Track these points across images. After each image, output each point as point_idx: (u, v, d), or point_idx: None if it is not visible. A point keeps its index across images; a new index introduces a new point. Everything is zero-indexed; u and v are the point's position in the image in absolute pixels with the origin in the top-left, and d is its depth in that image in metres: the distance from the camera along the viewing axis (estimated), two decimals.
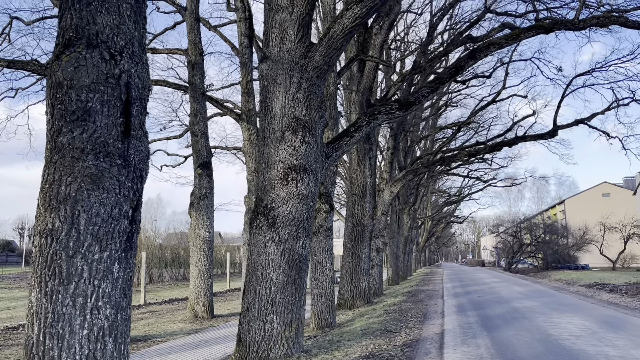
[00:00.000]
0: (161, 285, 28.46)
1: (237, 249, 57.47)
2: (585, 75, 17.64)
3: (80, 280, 3.10)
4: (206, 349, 8.66)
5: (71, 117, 3.18)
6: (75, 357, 3.04)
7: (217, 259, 39.88)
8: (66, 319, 3.06)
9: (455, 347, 7.39)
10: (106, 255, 3.19)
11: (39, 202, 3.21)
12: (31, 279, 3.20)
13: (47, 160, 3.22)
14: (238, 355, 6.56)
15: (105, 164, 3.20)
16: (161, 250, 31.16)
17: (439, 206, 55.88)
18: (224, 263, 38.93)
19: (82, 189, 3.14)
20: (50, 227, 3.13)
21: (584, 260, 54.56)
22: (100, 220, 3.17)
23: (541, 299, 15.49)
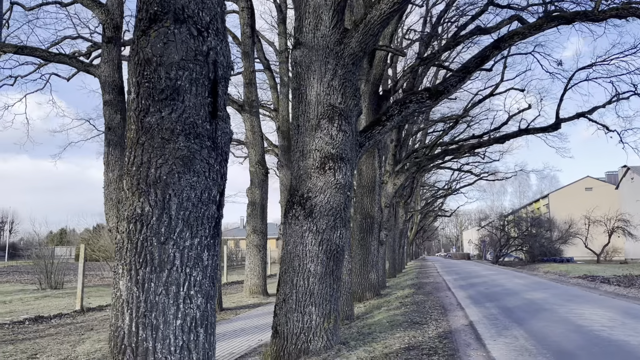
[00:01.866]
0: None
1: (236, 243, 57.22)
2: (587, 68, 17.77)
3: (172, 268, 2.94)
4: (228, 342, 8.50)
5: (160, 95, 3.01)
6: (170, 348, 2.89)
7: None
8: (159, 308, 2.90)
9: (493, 338, 7.35)
10: (197, 241, 3.03)
11: (125, 185, 3.04)
12: (117, 267, 3.03)
13: (133, 141, 3.05)
14: (275, 347, 6.43)
15: (196, 145, 3.04)
16: None
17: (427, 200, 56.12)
18: None
19: (173, 171, 2.97)
20: (139, 212, 2.96)
21: (568, 253, 55.42)
22: (191, 205, 3.02)
23: (548, 290, 15.61)
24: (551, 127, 16.68)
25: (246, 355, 7.42)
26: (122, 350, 2.90)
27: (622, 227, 51.98)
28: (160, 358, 2.87)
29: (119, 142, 9.64)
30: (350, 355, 5.82)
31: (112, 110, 9.70)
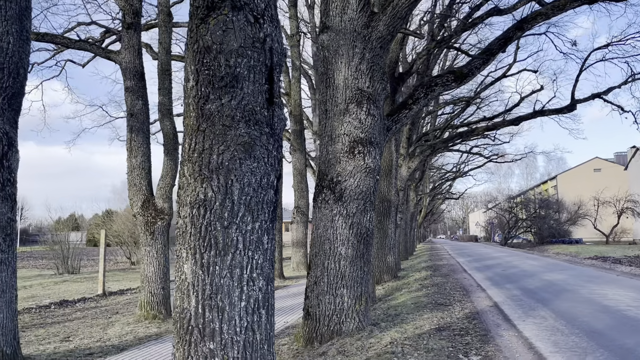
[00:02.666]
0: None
1: None
2: (602, 49, 17.62)
3: (236, 252, 3.02)
4: None
5: (219, 83, 3.06)
6: (236, 329, 2.98)
7: None
8: (225, 290, 2.98)
9: (522, 319, 7.43)
10: (257, 225, 3.10)
11: (187, 171, 3.10)
12: (180, 251, 3.11)
13: (193, 128, 3.10)
14: (307, 329, 6.55)
15: (256, 132, 3.09)
16: None
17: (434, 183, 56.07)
18: None
19: (235, 158, 3.03)
20: (202, 197, 3.03)
21: (577, 234, 55.43)
22: (252, 190, 3.08)
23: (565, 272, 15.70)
24: (566, 108, 16.59)
25: (281, 336, 7.54)
26: (189, 330, 2.99)
27: (632, 207, 51.81)
28: (227, 338, 2.96)
29: (142, 128, 9.71)
30: (384, 336, 5.93)
31: (133, 96, 9.74)
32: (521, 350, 5.73)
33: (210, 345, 2.94)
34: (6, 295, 5.77)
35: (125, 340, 7.62)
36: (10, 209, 5.95)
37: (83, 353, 6.81)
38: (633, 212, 52.16)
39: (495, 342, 5.94)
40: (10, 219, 5.94)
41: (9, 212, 5.94)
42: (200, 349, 2.94)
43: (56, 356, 6.64)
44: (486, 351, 5.41)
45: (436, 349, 5.34)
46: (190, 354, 2.97)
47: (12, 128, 6.16)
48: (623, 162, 69.42)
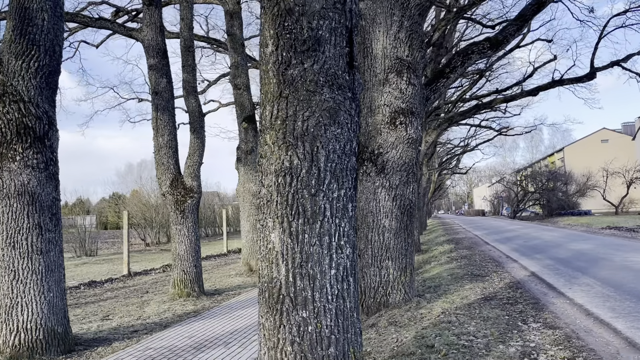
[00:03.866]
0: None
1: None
2: (621, 15, 17.32)
3: (324, 219, 2.97)
4: None
5: (302, 47, 2.97)
6: (327, 297, 2.95)
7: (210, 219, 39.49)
8: (315, 258, 2.94)
9: (567, 287, 7.39)
10: (342, 193, 3.04)
11: (269, 140, 3.03)
12: (265, 220, 3.06)
13: (274, 95, 3.02)
14: None
15: (340, 97, 3.01)
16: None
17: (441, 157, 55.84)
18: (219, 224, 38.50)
19: (320, 124, 2.96)
20: (287, 165, 2.97)
21: (585, 206, 55.33)
22: (337, 157, 3.02)
23: (588, 241, 15.67)
24: (586, 76, 16.35)
25: None
26: (279, 300, 2.96)
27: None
28: (319, 306, 2.92)
29: (167, 106, 9.61)
30: (433, 306, 5.92)
31: (157, 74, 9.62)
32: (579, 316, 5.71)
33: (303, 314, 2.91)
34: (55, 274, 5.77)
35: (165, 317, 7.65)
36: (54, 189, 5.92)
37: (127, 330, 6.85)
38: None
39: (549, 310, 5.92)
40: (55, 199, 5.91)
41: (54, 192, 5.91)
42: (292, 317, 2.91)
43: (102, 334, 6.67)
44: (544, 318, 5.39)
45: (492, 317, 5.32)
46: (282, 322, 2.94)
47: (50, 107, 6.10)
48: (631, 133, 68.96)
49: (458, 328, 4.85)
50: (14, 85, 5.76)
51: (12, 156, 5.63)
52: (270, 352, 2.98)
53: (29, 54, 5.87)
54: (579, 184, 54.54)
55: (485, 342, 4.35)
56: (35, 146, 5.76)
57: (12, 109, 5.70)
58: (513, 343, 4.36)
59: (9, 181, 5.59)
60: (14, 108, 5.71)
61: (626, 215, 47.90)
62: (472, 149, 47.58)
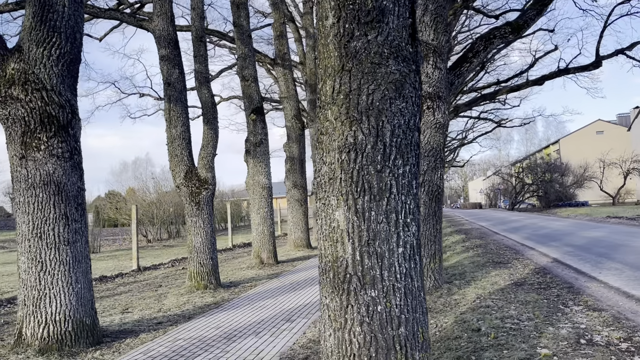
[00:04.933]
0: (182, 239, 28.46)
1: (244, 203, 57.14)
2: (624, 3, 17.30)
3: (390, 196, 2.88)
4: (309, 289, 8.60)
5: (365, 18, 2.88)
6: (396, 275, 2.87)
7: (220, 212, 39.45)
8: (382, 236, 2.86)
9: (596, 271, 7.33)
10: (407, 169, 2.96)
11: (331, 115, 2.95)
12: (326, 198, 2.97)
13: (336, 69, 2.93)
14: None
15: (406, 69, 2.93)
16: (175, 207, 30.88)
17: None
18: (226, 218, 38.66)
19: (386, 97, 2.88)
20: (352, 141, 2.88)
21: (582, 197, 55.57)
22: (402, 132, 2.93)
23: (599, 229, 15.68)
24: (592, 65, 16.31)
25: None
26: (346, 279, 2.88)
27: (638, 168, 51.82)
28: (388, 285, 2.84)
29: (180, 97, 9.49)
30: (465, 292, 5.86)
31: (169, 65, 9.50)
32: (619, 298, 5.66)
33: (372, 293, 2.83)
34: (82, 265, 5.67)
35: (186, 309, 7.56)
36: (79, 178, 5.81)
37: (152, 322, 6.75)
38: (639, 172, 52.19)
39: (587, 293, 5.87)
40: (80, 188, 5.80)
41: (79, 181, 5.80)
42: (361, 297, 2.83)
43: (126, 326, 6.58)
44: (584, 301, 5.34)
45: (531, 301, 5.27)
46: (350, 302, 2.86)
47: (73, 95, 5.98)
48: (626, 124, 69.26)
49: (499, 312, 4.79)
50: (35, 73, 5.64)
51: (36, 145, 5.52)
52: (336, 333, 2.90)
53: (50, 41, 5.74)
54: (576, 175, 54.74)
55: (533, 325, 4.29)
56: (60, 135, 5.65)
57: (34, 97, 5.58)
58: (562, 325, 4.30)
59: (34, 171, 5.47)
60: (37, 96, 5.58)
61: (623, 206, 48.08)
62: (470, 141, 47.60)
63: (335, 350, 2.91)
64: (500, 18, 20.03)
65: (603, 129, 72.39)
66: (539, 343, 3.83)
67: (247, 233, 29.27)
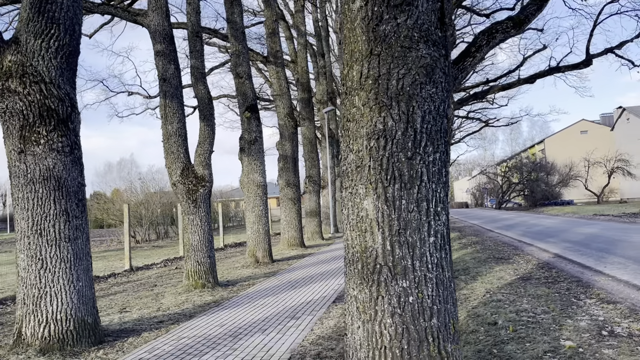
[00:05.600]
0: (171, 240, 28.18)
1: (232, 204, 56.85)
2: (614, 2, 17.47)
3: (421, 184, 2.81)
4: (308, 287, 8.51)
5: (395, 1, 2.80)
6: (427, 265, 2.79)
7: None
8: (414, 225, 2.78)
9: (600, 265, 7.33)
10: (437, 156, 2.89)
11: (358, 102, 2.86)
12: (353, 187, 2.89)
13: (364, 53, 2.85)
14: None
15: (436, 53, 2.85)
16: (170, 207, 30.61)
17: None
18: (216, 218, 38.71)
19: (416, 82, 2.80)
20: (381, 127, 2.80)
21: (567, 196, 56.20)
22: (432, 118, 2.86)
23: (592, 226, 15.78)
24: (582, 63, 16.44)
25: (343, 297, 7.41)
26: (376, 270, 2.79)
27: (622, 167, 52.54)
28: (420, 276, 2.76)
29: (175, 93, 9.34)
30: (473, 287, 5.81)
31: (165, 60, 9.34)
32: (631, 291, 5.65)
33: (403, 284, 2.75)
34: (83, 262, 5.52)
35: (185, 308, 7.43)
36: (79, 173, 5.66)
37: (152, 321, 6.61)
38: (623, 171, 52.92)
39: (597, 287, 5.86)
40: (80, 184, 5.65)
41: (79, 177, 5.64)
42: (392, 288, 2.75)
43: (126, 325, 6.43)
44: (596, 294, 5.32)
45: (542, 295, 5.23)
46: (380, 293, 2.77)
47: (72, 89, 5.82)
48: (609, 123, 70.23)
49: (512, 306, 4.74)
50: (34, 65, 5.48)
51: (35, 139, 5.35)
52: (366, 326, 2.82)
53: (48, 32, 5.58)
54: (562, 174, 55.34)
55: (550, 318, 4.25)
56: (60, 129, 5.49)
57: (33, 90, 5.42)
58: (579, 317, 4.27)
59: (33, 165, 5.31)
60: (35, 89, 5.42)
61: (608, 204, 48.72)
62: (457, 141, 47.84)
63: (365, 343, 2.82)
64: (490, 17, 20.15)
65: (587, 128, 73.27)
66: (560, 335, 3.79)
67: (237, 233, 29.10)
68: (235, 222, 44.96)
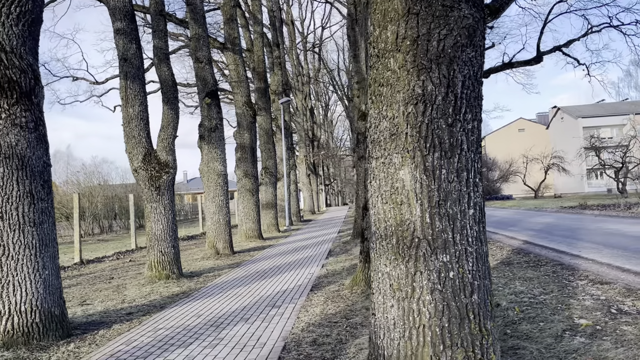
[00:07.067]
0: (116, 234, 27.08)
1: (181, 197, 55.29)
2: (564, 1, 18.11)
3: (461, 153, 2.65)
4: (281, 276, 8.26)
5: None
6: (468, 239, 2.64)
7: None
8: (454, 197, 2.62)
9: (576, 250, 7.44)
10: (475, 124, 2.74)
11: (394, 64, 2.67)
12: (387, 156, 2.69)
13: (400, 13, 2.66)
14: (369, 271, 6.26)
15: (478, 14, 2.69)
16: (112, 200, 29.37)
17: None
18: None
19: (458, 44, 2.63)
20: (420, 92, 2.62)
21: (506, 191, 58.41)
22: (471, 83, 2.71)
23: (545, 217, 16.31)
24: (534, 60, 16.96)
25: (320, 285, 7.22)
26: (414, 244, 2.61)
27: (557, 163, 54.99)
28: (461, 249, 2.61)
29: (137, 74, 8.81)
30: None
31: (126, 39, 8.79)
32: (616, 273, 5.75)
33: (444, 258, 2.59)
34: (49, 249, 5.05)
35: (153, 299, 7.02)
36: (45, 152, 5.17)
37: (121, 313, 6.19)
38: (558, 167, 55.44)
39: (581, 269, 5.94)
40: (46, 164, 5.17)
41: (44, 156, 5.16)
42: (431, 262, 2.58)
43: (93, 317, 5.98)
44: (585, 276, 5.38)
45: (533, 277, 5.24)
46: (418, 269, 2.60)
47: (34, 60, 5.31)
48: (545, 122, 73.57)
49: (507, 288, 4.71)
50: None
51: None
52: (401, 304, 2.64)
53: None
54: (502, 170, 57.38)
55: (552, 298, 4.22)
56: (23, 103, 4.98)
57: None
58: (581, 297, 4.27)
59: None
60: None
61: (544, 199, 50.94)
62: None
63: (400, 322, 2.64)
64: None
65: (524, 127, 76.31)
66: (572, 314, 3.76)
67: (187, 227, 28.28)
68: (181, 216, 43.73)
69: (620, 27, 17.58)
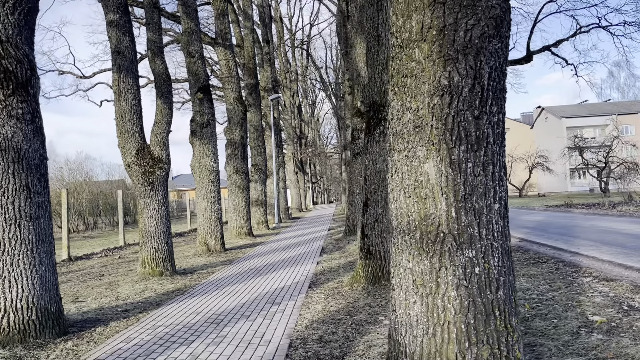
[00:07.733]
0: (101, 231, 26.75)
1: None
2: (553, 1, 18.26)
3: (487, 146, 2.60)
4: (277, 274, 8.18)
5: None
6: (494, 234, 2.58)
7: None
8: (480, 191, 2.56)
9: (574, 247, 7.44)
10: (500, 117, 2.69)
11: (419, 55, 2.60)
12: (410, 149, 2.63)
13: (427, 2, 2.59)
14: (370, 268, 6.23)
15: (505, 4, 2.64)
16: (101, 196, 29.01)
17: None
18: None
19: (485, 34, 2.58)
20: (446, 83, 2.56)
21: None
22: (497, 75, 2.65)
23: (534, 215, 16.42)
24: (524, 59, 17.10)
25: (318, 282, 7.15)
26: (439, 239, 2.55)
27: (542, 162, 55.60)
28: (487, 244, 2.56)
29: (130, 67, 8.64)
30: None
31: (119, 31, 8.61)
32: (620, 270, 5.76)
33: (470, 253, 2.53)
34: (46, 244, 4.92)
35: (148, 296, 6.89)
36: (41, 145, 5.03)
37: (117, 310, 6.06)
38: (542, 166, 56.06)
39: (584, 266, 5.94)
40: (42, 157, 5.02)
41: (41, 149, 5.02)
42: (457, 258, 2.53)
43: (89, 315, 5.85)
44: (589, 273, 5.38)
45: (537, 274, 5.23)
46: (442, 264, 2.54)
47: (30, 50, 5.16)
48: (529, 122, 74.34)
49: None
50: None
51: None
52: (425, 300, 2.58)
53: None
54: None
55: (561, 295, 4.20)
56: (19, 93, 4.84)
57: None
58: (590, 294, 4.25)
59: None
60: None
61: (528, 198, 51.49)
62: None
63: (423, 319, 2.58)
64: None
65: (509, 126, 76.76)
66: (584, 311, 3.74)
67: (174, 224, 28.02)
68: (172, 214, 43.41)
69: (609, 27, 17.78)
